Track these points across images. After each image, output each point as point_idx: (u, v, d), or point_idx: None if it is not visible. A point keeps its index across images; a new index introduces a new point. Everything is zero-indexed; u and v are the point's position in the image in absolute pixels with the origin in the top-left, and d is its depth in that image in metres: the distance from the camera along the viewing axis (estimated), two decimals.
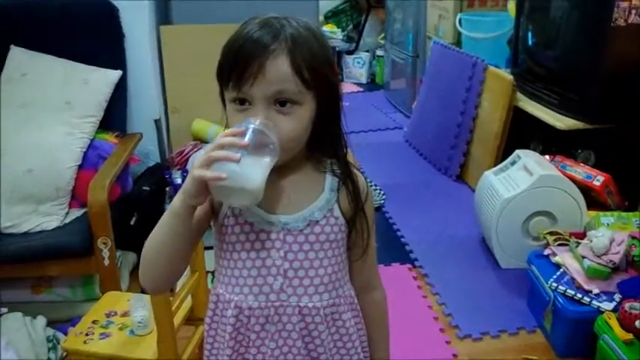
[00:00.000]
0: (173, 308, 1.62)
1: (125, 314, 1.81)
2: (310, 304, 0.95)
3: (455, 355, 2.05)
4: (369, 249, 1.03)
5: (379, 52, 5.47)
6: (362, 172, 1.02)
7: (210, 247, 1.06)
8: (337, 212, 0.96)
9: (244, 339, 0.97)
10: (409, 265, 2.58)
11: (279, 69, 0.85)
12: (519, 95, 2.98)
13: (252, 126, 0.85)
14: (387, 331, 1.13)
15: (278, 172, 0.92)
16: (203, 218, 0.95)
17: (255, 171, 0.84)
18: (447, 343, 2.11)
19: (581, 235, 2.25)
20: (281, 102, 0.87)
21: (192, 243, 0.96)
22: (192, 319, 1.89)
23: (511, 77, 2.97)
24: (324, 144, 0.96)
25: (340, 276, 0.99)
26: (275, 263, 0.94)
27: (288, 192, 0.95)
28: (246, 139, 0.83)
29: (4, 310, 2.02)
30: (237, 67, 0.86)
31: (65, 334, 2.10)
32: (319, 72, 0.88)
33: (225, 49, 0.90)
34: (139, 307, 1.72)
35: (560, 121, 2.60)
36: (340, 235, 0.97)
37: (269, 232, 0.93)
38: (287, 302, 0.95)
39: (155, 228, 0.92)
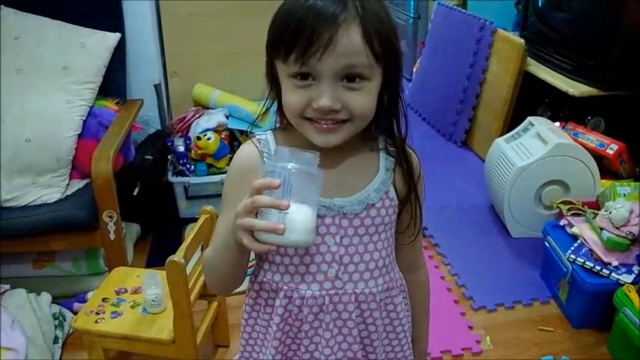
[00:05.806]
0: (189, 286, 1.57)
1: (136, 291, 1.75)
2: (367, 290, 0.91)
3: (470, 327, 2.02)
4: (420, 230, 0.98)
5: None
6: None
7: None
8: (392, 193, 0.91)
9: (291, 329, 0.92)
10: None
11: (351, 41, 0.77)
12: (529, 60, 2.90)
13: (288, 171, 0.75)
14: (429, 310, 1.10)
15: (330, 152, 0.84)
16: None
17: (304, 222, 0.76)
18: (462, 314, 2.08)
19: (595, 205, 2.22)
20: (349, 77, 0.79)
21: None
22: (205, 294, 1.83)
23: (522, 41, 2.87)
24: (381, 120, 0.90)
25: (392, 258, 0.95)
26: (330, 250, 0.88)
27: (341, 173, 0.88)
28: (287, 193, 0.74)
29: (7, 287, 1.95)
30: (301, 39, 0.76)
31: (70, 309, 2.04)
32: (388, 42, 0.81)
33: (281, 17, 0.80)
34: (152, 285, 1.66)
35: (574, 88, 2.53)
36: (393, 217, 0.93)
37: (323, 216, 0.87)
38: (342, 290, 0.89)
39: (212, 246, 0.91)
